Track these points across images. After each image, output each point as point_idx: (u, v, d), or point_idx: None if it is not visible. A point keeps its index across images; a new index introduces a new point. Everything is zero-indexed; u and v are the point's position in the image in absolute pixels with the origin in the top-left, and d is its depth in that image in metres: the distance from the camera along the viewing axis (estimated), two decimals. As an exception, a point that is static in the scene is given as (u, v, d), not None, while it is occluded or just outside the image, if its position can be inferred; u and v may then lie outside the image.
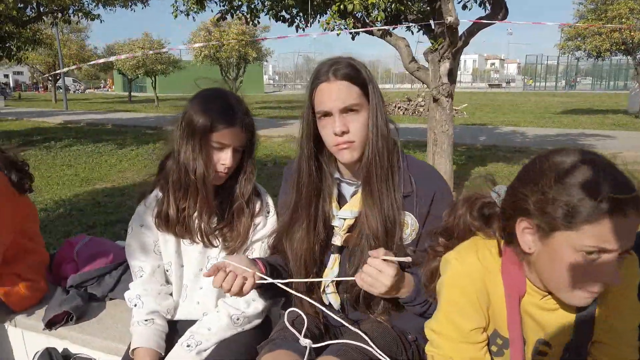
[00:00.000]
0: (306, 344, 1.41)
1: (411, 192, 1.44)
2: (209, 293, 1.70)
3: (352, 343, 1.40)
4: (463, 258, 1.14)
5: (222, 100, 1.57)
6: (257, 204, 1.68)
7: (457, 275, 1.13)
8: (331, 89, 1.38)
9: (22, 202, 2.05)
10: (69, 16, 11.92)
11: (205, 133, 1.51)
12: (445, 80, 5.49)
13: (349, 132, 1.39)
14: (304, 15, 7.13)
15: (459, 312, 1.12)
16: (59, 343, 1.99)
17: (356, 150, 1.41)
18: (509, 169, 7.81)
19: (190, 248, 1.67)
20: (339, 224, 1.49)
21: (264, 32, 24.73)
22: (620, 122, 15.26)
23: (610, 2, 15.41)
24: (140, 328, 1.61)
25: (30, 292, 2.07)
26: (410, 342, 1.52)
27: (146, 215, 1.67)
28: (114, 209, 5.79)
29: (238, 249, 1.65)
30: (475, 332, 1.13)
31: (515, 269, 1.08)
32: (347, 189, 1.54)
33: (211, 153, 1.54)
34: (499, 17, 5.36)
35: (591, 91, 43.93)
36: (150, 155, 9.81)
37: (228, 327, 1.61)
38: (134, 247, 1.69)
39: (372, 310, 1.51)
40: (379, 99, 1.41)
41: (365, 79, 1.39)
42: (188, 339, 1.57)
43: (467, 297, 1.11)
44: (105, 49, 35.96)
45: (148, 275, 1.68)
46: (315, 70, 1.44)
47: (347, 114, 1.39)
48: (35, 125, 16.65)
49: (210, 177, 1.55)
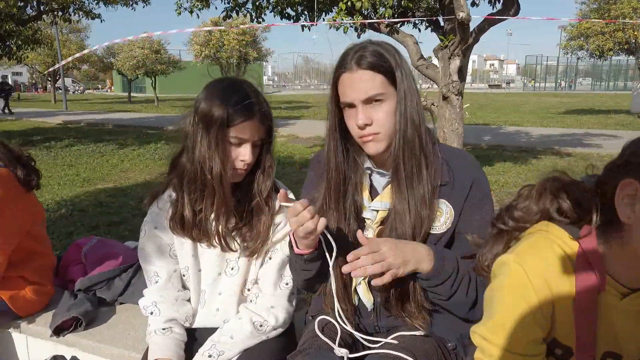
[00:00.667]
0: (343, 354, 1.31)
1: (448, 181, 1.35)
2: (228, 299, 1.59)
3: (393, 353, 1.29)
4: (524, 260, 1.01)
5: (239, 91, 1.43)
6: (277, 201, 1.55)
7: (517, 280, 1.00)
8: (353, 79, 1.29)
9: (30, 200, 1.95)
10: (69, 15, 11.82)
11: (222, 128, 1.38)
12: (455, 78, 5.39)
13: (372, 124, 1.31)
14: (309, 13, 7.04)
15: (517, 322, 1.00)
16: (66, 350, 1.88)
17: (381, 142, 1.33)
18: (517, 168, 7.71)
19: (207, 251, 1.56)
20: (371, 216, 1.40)
21: (264, 31, 24.70)
22: (624, 122, 15.21)
23: (613, 2, 15.37)
24: (157, 337, 1.50)
25: (37, 296, 1.96)
26: (449, 351, 1.41)
27: (160, 217, 1.54)
28: (117, 210, 5.68)
29: (259, 250, 1.54)
30: (534, 344, 1.01)
31: (596, 260, 0.95)
32: (379, 180, 1.44)
33: (228, 149, 1.41)
34: (511, 13, 5.26)
35: (591, 92, 43.96)
36: (152, 155, 9.71)
37: (252, 334, 1.50)
38: (148, 251, 1.57)
39: (405, 310, 1.39)
40: (409, 85, 1.31)
41: (393, 65, 1.29)
42: (210, 349, 1.45)
43: (528, 305, 0.98)
44: (104, 49, 35.84)
45: (164, 281, 1.56)
46: (340, 57, 1.34)
47: (370, 104, 1.30)
48: (35, 125, 16.56)
49: (228, 175, 1.42)
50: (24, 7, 11.13)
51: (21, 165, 1.88)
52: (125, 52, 27.33)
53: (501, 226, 1.10)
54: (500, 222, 1.10)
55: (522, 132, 12.98)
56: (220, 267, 1.57)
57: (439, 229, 1.35)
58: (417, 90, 1.33)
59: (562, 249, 0.99)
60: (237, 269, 1.57)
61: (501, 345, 1.01)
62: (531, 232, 1.06)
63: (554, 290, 0.98)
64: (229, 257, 1.56)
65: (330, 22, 6.09)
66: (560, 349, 1.04)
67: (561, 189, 1.04)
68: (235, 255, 1.56)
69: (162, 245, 1.56)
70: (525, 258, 1.01)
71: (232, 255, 1.56)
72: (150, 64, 26.89)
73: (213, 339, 1.49)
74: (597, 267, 0.95)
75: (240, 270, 1.57)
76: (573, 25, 16.98)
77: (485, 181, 1.39)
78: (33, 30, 13.43)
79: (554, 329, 1.01)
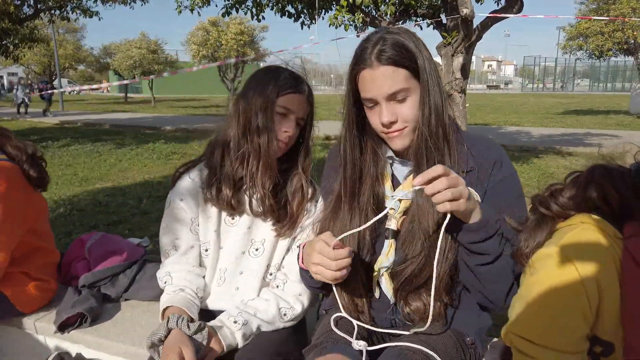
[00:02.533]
0: (361, 347, 1.25)
1: (473, 167, 1.30)
2: (250, 279, 1.57)
3: (412, 346, 1.25)
4: (573, 253, 0.95)
5: (286, 70, 1.52)
6: (310, 188, 1.59)
7: (565, 274, 0.94)
8: (375, 76, 1.23)
9: (34, 196, 1.90)
10: (66, 13, 11.74)
11: (273, 97, 1.45)
12: (458, 75, 5.36)
13: (397, 121, 1.27)
14: (309, 11, 7.01)
15: (566, 319, 0.94)
16: (71, 347, 1.82)
17: (408, 136, 1.29)
18: (519, 168, 7.69)
19: (233, 229, 1.56)
20: (394, 206, 1.34)
21: (262, 31, 24.65)
22: (624, 123, 15.26)
23: (612, 2, 15.40)
24: (167, 296, 1.49)
25: (40, 292, 1.91)
26: (468, 346, 1.37)
27: (189, 190, 1.55)
28: (116, 209, 5.62)
29: (288, 231, 1.56)
30: (583, 340, 0.96)
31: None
32: (401, 169, 1.40)
33: (275, 118, 1.46)
34: (514, 10, 5.23)
35: (589, 92, 44.13)
36: (150, 154, 9.65)
37: (274, 319, 1.50)
38: (168, 222, 1.57)
39: (424, 303, 1.33)
40: (431, 73, 1.25)
41: (416, 55, 1.23)
42: (237, 315, 1.45)
43: (577, 300, 0.93)
44: (101, 49, 35.74)
45: (179, 255, 1.57)
46: (358, 50, 1.28)
47: (394, 100, 1.25)
48: (32, 125, 16.47)
49: (274, 141, 1.46)
50: (20, 6, 11.05)
51: (34, 162, 1.85)
52: (122, 52, 27.22)
53: (544, 210, 1.04)
54: (544, 207, 1.05)
55: (523, 132, 12.99)
56: (245, 246, 1.57)
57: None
58: (438, 76, 1.28)
59: (610, 243, 0.94)
60: (263, 250, 1.57)
61: (548, 345, 0.96)
62: (571, 224, 1.00)
63: (602, 287, 0.93)
64: (255, 238, 1.57)
65: (332, 22, 6.04)
66: (601, 345, 0.98)
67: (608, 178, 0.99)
68: (261, 237, 1.56)
69: (184, 218, 1.56)
70: (574, 251, 0.95)
71: (258, 236, 1.56)
72: (147, 64, 26.77)
73: (239, 307, 1.49)
74: None
75: (265, 253, 1.57)
76: (572, 25, 17.02)
77: (507, 162, 1.34)
78: (30, 29, 13.35)
79: (597, 325, 0.96)
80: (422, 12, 6.23)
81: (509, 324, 1.03)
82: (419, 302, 1.35)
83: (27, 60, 29.08)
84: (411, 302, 1.36)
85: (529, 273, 1.01)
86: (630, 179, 0.97)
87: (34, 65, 32.66)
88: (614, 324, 0.94)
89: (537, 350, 0.96)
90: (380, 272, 1.36)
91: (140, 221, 5.13)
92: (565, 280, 0.93)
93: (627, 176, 0.98)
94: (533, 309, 0.98)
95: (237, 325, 1.43)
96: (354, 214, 1.35)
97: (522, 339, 0.99)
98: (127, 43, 27.50)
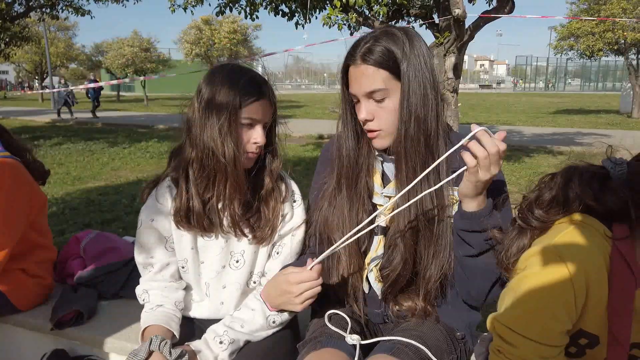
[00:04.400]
0: (354, 341, 1.28)
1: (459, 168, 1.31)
2: (234, 292, 1.54)
3: (404, 340, 1.28)
4: (563, 250, 0.98)
5: (246, 72, 1.39)
6: (282, 187, 1.53)
7: (555, 270, 0.97)
8: (357, 73, 1.27)
9: (38, 192, 1.91)
10: (57, 12, 11.66)
11: (234, 109, 1.34)
12: (450, 75, 5.40)
13: (373, 120, 1.29)
14: (302, 10, 7.01)
15: (551, 313, 0.97)
16: (68, 344, 1.83)
17: (385, 138, 1.31)
18: (510, 167, 7.76)
19: (211, 243, 1.50)
20: (383, 202, 1.37)
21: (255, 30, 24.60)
22: (614, 122, 15.41)
23: (603, 2, 15.53)
24: (146, 314, 1.48)
25: (37, 289, 1.92)
26: (458, 340, 1.40)
27: (158, 209, 1.49)
28: (109, 208, 5.60)
29: (267, 237, 1.49)
30: (563, 335, 0.99)
31: (629, 253, 0.94)
32: (391, 167, 1.42)
33: (241, 131, 1.37)
34: (506, 10, 5.27)
35: (580, 92, 44.41)
36: (143, 153, 9.62)
37: (262, 327, 1.44)
38: (142, 243, 1.52)
39: (412, 299, 1.38)
40: (416, 78, 1.23)
41: (399, 58, 1.23)
42: (222, 335, 1.41)
43: (564, 296, 0.95)
44: (93, 47, 35.50)
45: (154, 273, 1.53)
46: (351, 46, 1.31)
47: (374, 99, 1.28)
48: (23, 123, 16.35)
49: (242, 158, 1.38)
50: (11, 4, 10.96)
51: (32, 158, 1.88)
52: (114, 50, 27.07)
53: (525, 226, 1.08)
54: (525, 223, 1.08)
55: (515, 131, 13.07)
56: (225, 259, 1.52)
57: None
58: (429, 81, 1.26)
59: (600, 241, 0.97)
60: (243, 262, 1.52)
61: (529, 335, 0.99)
62: (561, 222, 1.04)
63: (591, 283, 0.96)
64: (234, 250, 1.52)
65: (325, 22, 6.06)
66: (586, 338, 1.02)
67: (585, 179, 1.01)
68: (240, 248, 1.51)
69: (158, 237, 1.51)
70: (565, 248, 0.98)
71: (237, 248, 1.51)
72: (140, 62, 26.64)
73: (225, 324, 1.44)
74: (634, 265, 0.94)
75: (246, 264, 1.52)
76: (563, 25, 17.13)
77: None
78: (21, 27, 13.25)
79: (583, 320, 0.99)
80: (415, 13, 6.26)
81: (495, 313, 1.07)
82: (409, 302, 1.39)
83: (18, 58, 28.83)
84: (401, 302, 1.40)
85: (520, 269, 1.04)
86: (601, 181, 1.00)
87: (25, 64, 32.39)
88: (600, 317, 0.98)
89: (517, 339, 1.00)
90: (370, 268, 1.39)
91: (134, 220, 5.08)
92: (554, 277, 0.96)
93: (602, 177, 1.00)
94: (520, 301, 1.01)
95: (223, 345, 1.39)
96: (352, 203, 1.38)
97: (504, 326, 1.02)
98: (119, 41, 27.35)
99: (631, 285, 0.94)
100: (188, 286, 1.59)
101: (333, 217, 1.40)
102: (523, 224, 1.07)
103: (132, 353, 1.31)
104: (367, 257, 1.40)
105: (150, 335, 1.35)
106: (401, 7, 6.10)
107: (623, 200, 0.94)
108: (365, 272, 1.41)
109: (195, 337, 1.48)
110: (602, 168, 1.03)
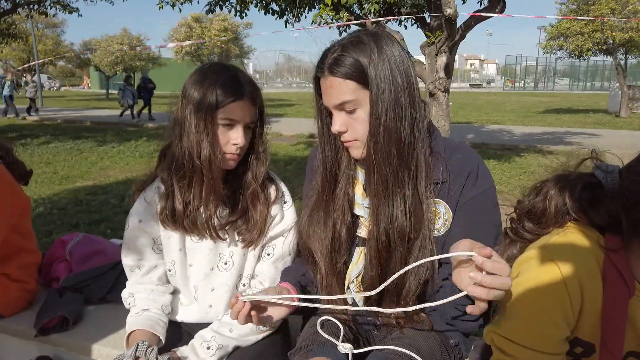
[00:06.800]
0: (347, 350, 1.25)
1: (445, 179, 1.26)
2: (223, 295, 1.52)
3: (398, 349, 1.25)
4: (558, 256, 0.96)
5: (226, 71, 1.36)
6: (271, 189, 1.50)
7: (549, 276, 0.95)
8: (325, 85, 1.23)
9: (20, 194, 1.85)
10: (44, 8, 11.52)
11: (211, 109, 1.31)
12: (441, 75, 5.40)
13: (347, 131, 1.25)
14: (292, 10, 6.98)
15: (548, 320, 0.95)
16: (52, 351, 1.78)
17: (360, 148, 1.26)
18: (501, 166, 7.77)
19: (199, 245, 1.48)
20: (364, 213, 1.34)
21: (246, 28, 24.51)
22: (602, 121, 15.56)
23: (592, 3, 15.66)
24: (132, 319, 1.45)
25: (21, 294, 1.86)
26: (452, 348, 1.38)
27: (146, 211, 1.47)
28: (98, 208, 5.54)
29: (255, 241, 1.47)
30: (562, 342, 0.97)
31: (622, 264, 0.92)
32: None
33: (217, 132, 1.34)
34: (497, 10, 5.28)
35: (569, 91, 44.84)
36: (132, 152, 9.53)
37: (251, 332, 1.44)
38: (129, 245, 1.50)
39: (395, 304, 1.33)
40: (385, 86, 1.17)
41: (366, 70, 1.17)
42: (210, 340, 1.39)
43: (560, 302, 0.94)
44: (81, 45, 35.17)
45: (141, 275, 1.51)
46: (320, 57, 1.26)
47: (346, 110, 1.23)
48: (10, 122, 16.15)
49: (217, 159, 1.35)
50: (-2, 0, 10.83)
51: (13, 157, 1.82)
52: (103, 48, 26.83)
53: (514, 237, 1.06)
54: (518, 237, 1.06)
55: (505, 130, 13.15)
56: (213, 261, 1.50)
57: (439, 232, 1.29)
58: (402, 86, 1.19)
59: (594, 248, 0.96)
60: (232, 264, 1.50)
61: (528, 345, 0.97)
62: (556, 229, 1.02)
63: (585, 290, 0.94)
64: (222, 252, 1.49)
65: (315, 20, 6.03)
66: (582, 346, 1.00)
67: (575, 193, 1.00)
68: (229, 250, 1.49)
69: (145, 239, 1.49)
70: (559, 254, 0.96)
71: (225, 250, 1.49)
72: (129, 60, 26.43)
73: (213, 329, 1.43)
74: (628, 275, 0.92)
75: (235, 265, 1.50)
76: (553, 25, 17.25)
77: (483, 175, 1.28)
78: (8, 24, 13.08)
79: (578, 327, 0.98)
80: (406, 11, 6.25)
81: (492, 325, 1.05)
82: (392, 311, 1.36)
83: (5, 55, 28.48)
84: (385, 311, 1.37)
85: (513, 277, 1.02)
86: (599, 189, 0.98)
87: (12, 61, 32.00)
88: (595, 325, 0.96)
89: (516, 349, 0.98)
90: (351, 279, 1.37)
91: (122, 220, 5.04)
92: (548, 283, 0.94)
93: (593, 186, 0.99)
94: (515, 309, 0.99)
95: (211, 351, 1.37)
96: (329, 214, 1.34)
97: (502, 337, 1.00)
98: (108, 39, 27.13)
99: (624, 295, 0.92)
100: (176, 290, 1.56)
101: (312, 227, 1.37)
102: (514, 236, 1.06)
103: (117, 358, 1.29)
104: (348, 269, 1.37)
105: (136, 340, 1.33)
106: (392, 5, 6.09)
107: (615, 212, 0.93)
108: (347, 282, 1.38)
109: (182, 343, 1.47)
110: (592, 176, 1.01)
